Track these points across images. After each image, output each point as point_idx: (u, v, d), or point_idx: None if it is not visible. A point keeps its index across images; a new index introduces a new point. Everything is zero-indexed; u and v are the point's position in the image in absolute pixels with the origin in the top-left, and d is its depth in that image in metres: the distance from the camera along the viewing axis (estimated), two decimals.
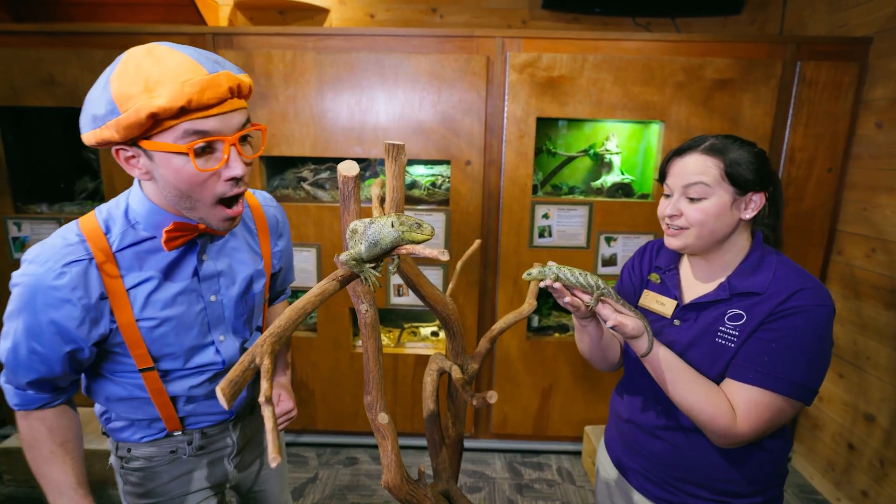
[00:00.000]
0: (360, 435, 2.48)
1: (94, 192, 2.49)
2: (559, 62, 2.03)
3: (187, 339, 0.89)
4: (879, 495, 1.94)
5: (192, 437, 0.97)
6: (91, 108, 0.72)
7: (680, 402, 0.88)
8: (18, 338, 0.80)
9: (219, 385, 0.47)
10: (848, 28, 2.11)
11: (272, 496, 1.20)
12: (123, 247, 0.81)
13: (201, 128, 0.72)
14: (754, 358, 0.85)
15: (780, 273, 0.88)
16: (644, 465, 1.01)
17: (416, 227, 0.64)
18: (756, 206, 0.89)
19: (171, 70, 0.69)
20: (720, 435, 0.85)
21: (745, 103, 2.04)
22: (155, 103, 0.67)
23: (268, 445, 0.42)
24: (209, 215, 0.80)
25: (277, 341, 0.54)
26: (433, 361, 1.24)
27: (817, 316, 0.83)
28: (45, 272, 0.76)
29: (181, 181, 0.74)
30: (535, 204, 2.17)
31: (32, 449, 0.86)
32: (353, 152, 2.14)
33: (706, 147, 0.89)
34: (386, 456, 0.81)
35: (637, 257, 1.10)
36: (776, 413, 0.83)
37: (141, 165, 0.75)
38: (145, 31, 2.07)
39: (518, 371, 2.35)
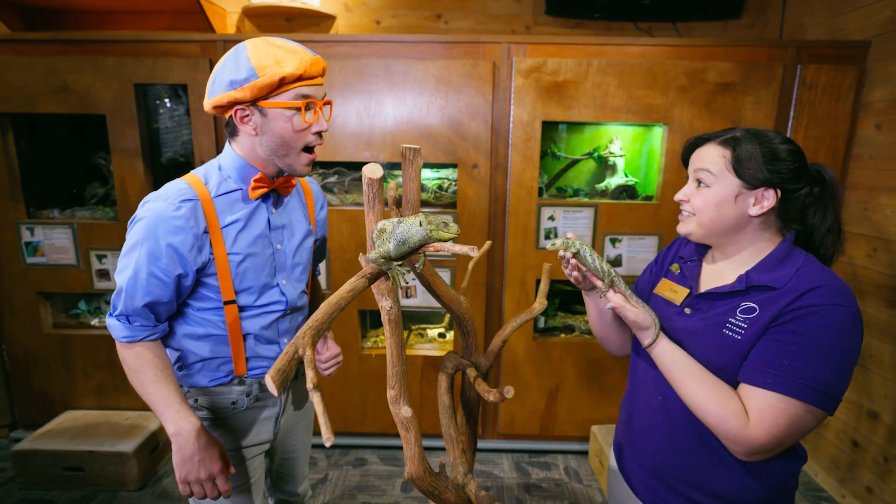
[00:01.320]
0: (368, 436, 2.50)
1: (105, 198, 2.52)
2: (564, 67, 2.06)
3: (261, 277, 1.08)
4: (884, 491, 1.97)
5: (251, 388, 1.12)
6: (229, 75, 0.95)
7: (687, 399, 0.86)
8: (140, 264, 0.96)
9: (268, 373, 0.50)
10: (846, 32, 2.16)
11: (298, 464, 1.36)
12: (219, 194, 1.03)
13: (307, 92, 0.98)
14: (771, 360, 0.80)
15: (804, 270, 0.84)
16: (643, 460, 1.00)
17: (444, 226, 0.67)
18: (768, 204, 0.86)
19: (289, 51, 0.96)
20: (731, 439, 0.81)
21: (746, 106, 2.08)
22: (285, 70, 0.94)
23: (322, 427, 0.46)
24: (296, 160, 1.03)
25: (316, 334, 0.57)
26: (448, 360, 1.27)
27: (837, 315, 0.78)
28: (167, 206, 0.96)
29: (287, 131, 0.99)
30: (540, 206, 2.21)
31: (140, 374, 1.00)
32: (361, 157, 2.18)
33: (724, 139, 0.90)
34: (409, 448, 0.84)
35: (665, 250, 1.11)
36: (795, 420, 0.78)
37: (253, 122, 0.99)
38: (157, 39, 2.11)
39: (525, 372, 2.38)
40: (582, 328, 2.45)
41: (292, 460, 1.35)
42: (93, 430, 2.28)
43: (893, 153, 1.93)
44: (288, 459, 1.34)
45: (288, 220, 1.15)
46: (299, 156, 1.04)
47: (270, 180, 1.06)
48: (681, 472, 0.94)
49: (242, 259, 1.05)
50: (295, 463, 1.36)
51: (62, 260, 2.31)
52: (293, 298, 1.15)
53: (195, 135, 2.16)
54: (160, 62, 2.09)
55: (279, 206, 1.13)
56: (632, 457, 1.04)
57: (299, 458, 1.36)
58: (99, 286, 2.33)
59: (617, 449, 1.13)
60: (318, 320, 0.58)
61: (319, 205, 1.27)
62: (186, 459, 0.97)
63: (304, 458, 1.38)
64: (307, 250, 1.20)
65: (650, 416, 0.99)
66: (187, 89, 2.13)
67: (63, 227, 2.28)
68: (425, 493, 0.88)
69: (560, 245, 0.90)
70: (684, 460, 0.93)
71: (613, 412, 2.42)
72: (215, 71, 0.99)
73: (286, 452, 1.33)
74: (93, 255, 2.30)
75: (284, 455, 1.33)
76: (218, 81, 0.97)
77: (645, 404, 1.00)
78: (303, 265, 1.19)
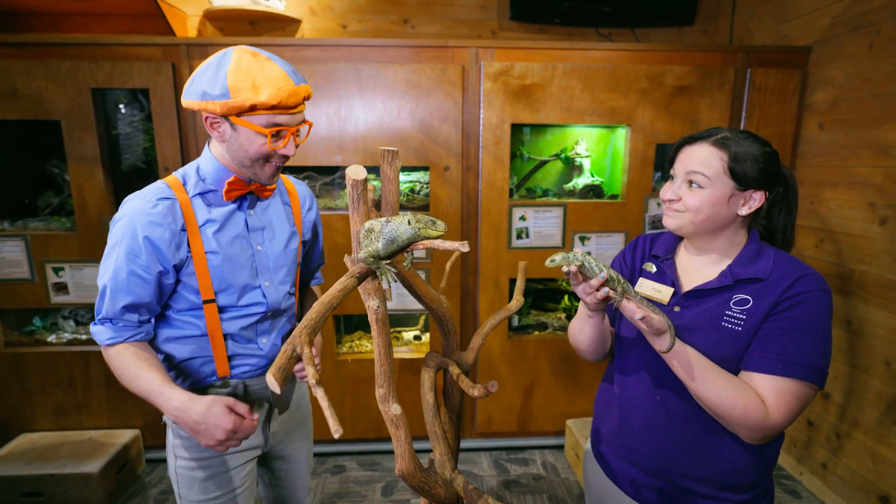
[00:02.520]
0: (346, 443, 2.48)
1: (60, 207, 2.41)
2: (531, 71, 2.12)
3: (241, 277, 1.10)
4: (837, 466, 2.10)
5: (235, 390, 1.13)
6: (204, 87, 0.95)
7: (708, 398, 0.86)
8: (120, 262, 0.98)
9: (268, 372, 0.50)
10: (790, 38, 2.31)
11: (299, 476, 1.34)
12: (195, 194, 1.05)
13: (279, 121, 0.99)
14: (777, 348, 0.86)
15: (780, 261, 0.91)
16: (644, 463, 1.01)
17: (431, 224, 0.69)
18: (755, 204, 0.91)
19: (271, 77, 0.95)
20: (754, 429, 0.85)
21: (702, 107, 2.19)
22: (259, 99, 0.94)
23: (329, 421, 0.46)
24: (260, 171, 1.06)
25: (312, 332, 0.58)
26: (430, 359, 1.28)
27: (824, 300, 0.86)
28: (144, 203, 0.99)
29: (252, 149, 1.01)
30: (512, 207, 2.26)
31: (124, 370, 1.00)
32: (332, 161, 2.17)
33: (716, 139, 0.91)
34: (399, 445, 0.84)
35: (629, 250, 1.13)
36: (803, 400, 0.85)
37: (221, 131, 1.01)
38: (116, 42, 2.04)
39: (501, 370, 2.42)
40: (555, 325, 2.51)
41: (292, 472, 1.33)
42: (53, 453, 2.17)
43: (835, 151, 2.08)
44: (288, 471, 1.32)
45: (268, 222, 1.15)
46: (263, 168, 1.05)
47: (246, 183, 1.08)
48: (685, 468, 0.96)
49: (220, 259, 1.06)
50: (296, 474, 1.33)
51: (14, 274, 2.19)
52: (275, 300, 1.15)
53: (158, 140, 2.10)
54: (120, 66, 2.02)
55: (256, 208, 1.13)
56: (628, 460, 1.04)
57: (300, 468, 1.34)
58: (56, 300, 2.23)
59: (595, 447, 1.15)
60: (312, 319, 0.59)
61: (307, 207, 1.27)
62: (197, 432, 0.96)
63: (304, 468, 1.36)
64: (292, 252, 1.20)
65: (649, 418, 1.00)
66: (149, 94, 2.06)
67: (15, 240, 2.16)
68: (416, 490, 0.89)
69: (560, 261, 0.85)
70: (688, 456, 0.95)
71: (587, 405, 2.49)
72: (196, 72, 0.99)
73: (285, 462, 1.31)
74: (48, 267, 2.19)
75: (283, 465, 1.31)
76: (194, 86, 0.97)
77: (641, 406, 1.01)
78: (287, 266, 1.19)
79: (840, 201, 2.06)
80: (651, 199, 2.29)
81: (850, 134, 2.01)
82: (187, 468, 1.11)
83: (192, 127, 2.11)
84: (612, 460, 1.09)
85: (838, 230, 2.07)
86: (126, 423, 2.36)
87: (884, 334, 1.90)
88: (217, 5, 2.47)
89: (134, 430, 2.34)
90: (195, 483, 1.10)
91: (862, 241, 1.98)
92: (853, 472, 2.03)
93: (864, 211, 1.96)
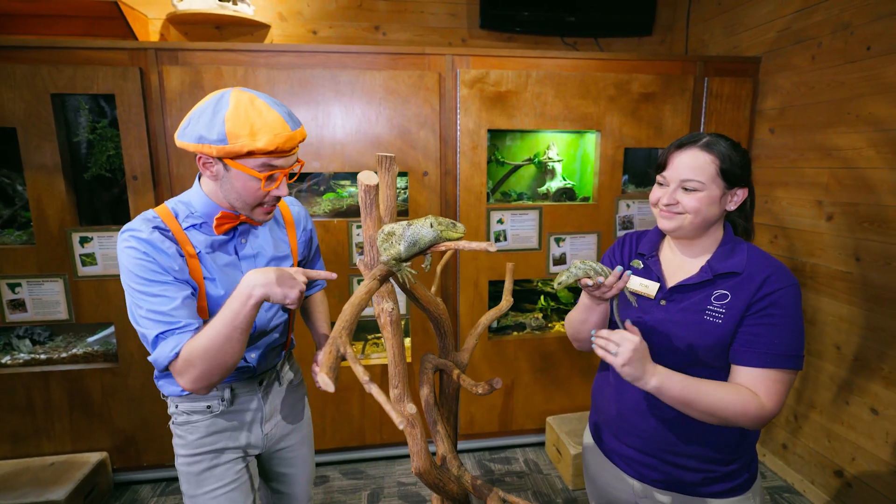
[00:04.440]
0: (328, 452, 2.44)
1: (12, 220, 2.26)
2: (505, 78, 2.18)
3: None
4: (796, 446, 2.26)
5: (223, 393, 1.15)
6: (200, 131, 0.96)
7: (709, 413, 0.93)
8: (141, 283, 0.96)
9: (320, 372, 0.52)
10: (740, 49, 2.48)
11: (298, 481, 1.35)
12: (187, 226, 1.06)
13: (274, 164, 1.01)
14: (762, 343, 0.94)
15: (753, 256, 1.00)
16: (638, 444, 1.08)
17: (452, 226, 0.72)
18: (739, 200, 1.01)
19: (268, 123, 0.96)
20: (753, 421, 0.93)
21: (666, 113, 2.32)
22: (256, 145, 0.95)
23: (390, 414, 0.48)
24: (252, 213, 1.07)
25: (350, 332, 0.59)
26: (427, 361, 1.30)
27: (794, 293, 0.96)
28: (141, 232, 0.98)
29: (245, 191, 1.02)
30: (489, 210, 2.31)
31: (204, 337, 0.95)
32: (311, 167, 2.15)
33: (704, 143, 0.99)
34: (416, 444, 0.86)
35: (616, 247, 1.20)
36: (788, 385, 0.95)
37: (214, 171, 1.01)
38: (77, 46, 1.95)
39: (482, 371, 2.45)
40: (532, 325, 2.57)
41: (291, 476, 1.33)
42: (12, 481, 2.03)
43: (785, 154, 2.25)
44: (286, 475, 1.33)
45: (260, 248, 1.17)
46: (254, 210, 1.07)
47: (235, 216, 1.08)
48: (674, 445, 1.04)
49: (216, 287, 1.08)
50: (294, 479, 1.34)
51: None
52: (263, 323, 1.17)
53: (125, 148, 2.01)
54: (82, 70, 1.93)
55: (249, 236, 1.15)
56: (623, 441, 1.12)
57: (299, 474, 1.34)
58: (12, 318, 2.09)
59: (595, 433, 1.22)
60: (347, 320, 0.60)
61: (301, 227, 1.29)
62: (274, 282, 0.94)
63: (304, 475, 1.36)
64: None
65: (641, 403, 1.07)
66: (115, 100, 1.98)
67: None
68: (431, 487, 0.91)
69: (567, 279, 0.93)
70: (678, 436, 1.03)
71: (566, 402, 2.57)
72: (192, 114, 0.99)
73: (283, 466, 1.32)
74: (3, 283, 2.06)
75: (280, 469, 1.32)
76: (191, 128, 0.98)
77: (634, 391, 1.07)
78: None
79: (791, 200, 2.23)
80: (621, 201, 2.40)
81: (797, 138, 2.19)
82: (185, 464, 1.16)
83: (162, 134, 2.04)
84: (609, 442, 1.16)
85: (790, 226, 2.24)
86: (92, 446, 2.23)
87: (833, 321, 2.07)
88: (182, 9, 2.40)
89: (101, 453, 2.22)
90: (191, 477, 1.16)
91: (811, 237, 2.15)
92: (811, 451, 2.19)
93: (812, 208, 2.13)
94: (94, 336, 2.36)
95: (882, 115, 1.83)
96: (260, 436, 1.23)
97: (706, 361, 1.00)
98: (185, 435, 1.15)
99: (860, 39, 1.89)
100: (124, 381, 2.17)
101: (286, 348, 1.31)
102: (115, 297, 2.11)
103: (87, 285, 2.09)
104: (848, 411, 2.01)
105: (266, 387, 1.23)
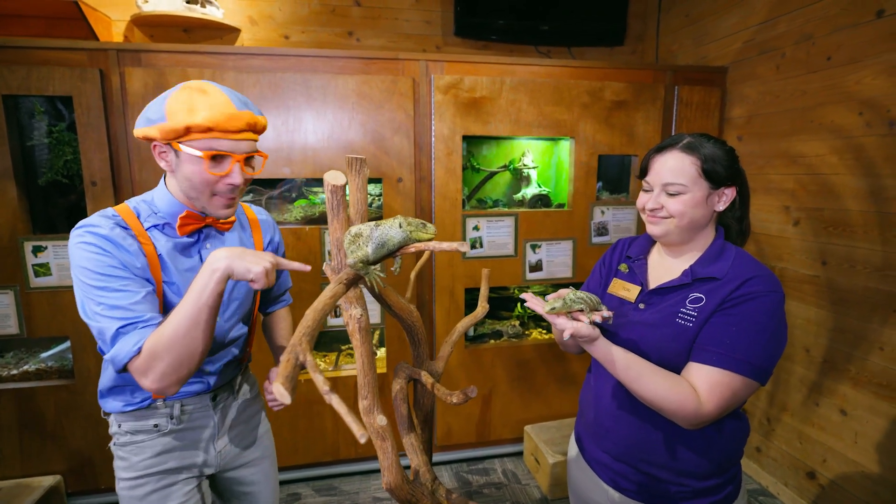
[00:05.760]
0: (300, 468, 2.35)
1: None
2: (480, 84, 2.18)
3: None
4: (770, 449, 2.29)
5: (172, 410, 1.08)
6: (148, 113, 0.96)
7: (645, 396, 0.91)
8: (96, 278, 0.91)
9: (276, 382, 0.47)
10: (708, 59, 2.54)
11: (264, 498, 1.28)
12: (149, 226, 1.02)
13: (217, 146, 0.97)
14: (715, 340, 0.90)
15: (738, 262, 0.96)
16: (612, 449, 1.06)
17: (422, 227, 0.68)
18: (728, 199, 0.97)
19: (210, 102, 0.95)
20: (688, 420, 0.89)
21: (638, 121, 2.35)
22: (194, 120, 0.93)
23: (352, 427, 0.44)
24: (209, 203, 1.03)
25: (311, 339, 0.55)
26: (400, 370, 1.26)
27: (769, 301, 0.90)
28: (100, 227, 0.94)
29: (193, 176, 0.98)
30: (465, 217, 2.28)
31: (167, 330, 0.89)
32: (280, 174, 2.09)
33: (684, 145, 0.96)
34: (386, 458, 0.82)
35: (609, 252, 1.19)
36: (735, 392, 0.89)
37: (168, 160, 0.99)
38: (32, 46, 1.85)
39: (459, 380, 2.41)
40: (509, 333, 2.55)
41: (253, 494, 1.26)
42: None
43: (752, 160, 2.30)
44: (248, 494, 1.26)
45: None
46: (211, 200, 1.02)
47: (200, 217, 1.05)
48: (647, 454, 1.01)
49: (174, 291, 1.03)
50: (257, 497, 1.27)
51: None
52: (220, 334, 1.11)
53: (84, 152, 1.92)
54: (37, 71, 1.84)
55: (214, 241, 1.10)
56: (599, 446, 1.09)
57: (262, 491, 1.27)
58: None
59: (578, 439, 1.19)
60: (308, 326, 0.56)
61: (269, 236, 1.26)
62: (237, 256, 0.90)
63: (268, 491, 1.29)
64: (245, 285, 1.16)
65: (615, 405, 1.05)
66: (72, 102, 1.89)
67: None
68: (403, 503, 0.86)
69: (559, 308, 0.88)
70: (651, 444, 1.00)
71: (544, 410, 2.54)
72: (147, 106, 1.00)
73: (243, 485, 1.24)
74: None
75: (241, 487, 1.25)
76: (141, 115, 0.99)
77: (609, 395, 1.06)
78: (240, 300, 1.16)
79: (759, 205, 2.27)
80: (596, 207, 2.41)
81: (764, 145, 2.24)
82: (128, 487, 1.08)
83: (124, 137, 1.96)
84: (589, 448, 1.13)
85: (759, 231, 2.28)
86: (44, 469, 2.09)
87: (802, 324, 2.11)
88: (147, 10, 2.33)
89: (54, 476, 2.08)
90: (135, 502, 1.08)
91: (779, 241, 2.19)
92: (784, 453, 2.21)
93: (779, 214, 2.18)
94: (47, 351, 2.23)
95: (843, 123, 1.89)
96: (213, 454, 1.15)
97: (677, 365, 0.97)
98: (129, 456, 1.08)
99: (821, 50, 1.95)
100: (80, 399, 2.05)
101: (243, 362, 1.24)
102: (70, 310, 1.99)
103: (41, 297, 1.97)
104: (818, 413, 2.05)
105: (220, 402, 1.17)
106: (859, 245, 1.85)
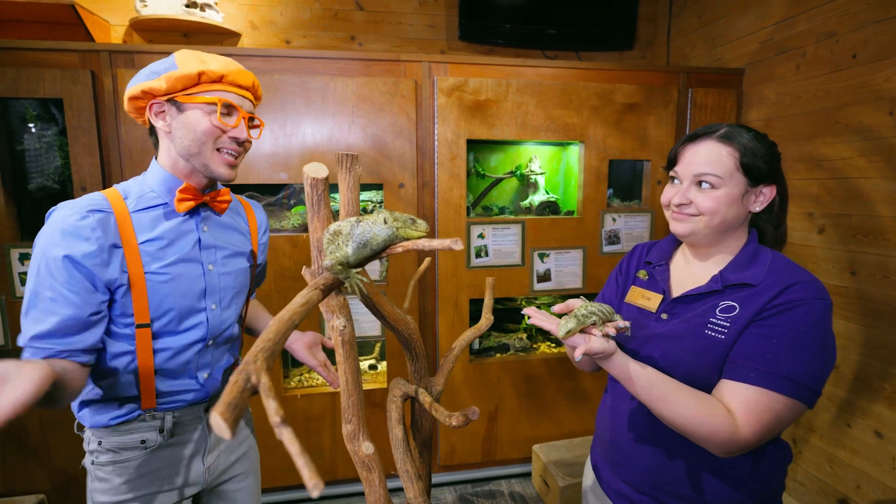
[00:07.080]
0: (294, 489, 2.23)
1: None
2: (485, 86, 2.09)
3: (185, 300, 0.99)
4: (797, 472, 2.13)
5: (162, 423, 1.00)
6: (151, 67, 0.94)
7: (670, 419, 0.79)
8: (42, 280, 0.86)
9: (214, 410, 0.37)
10: (723, 61, 2.44)
11: None
12: (139, 209, 0.96)
13: (229, 98, 0.96)
14: (754, 355, 0.79)
15: (775, 266, 0.84)
16: (632, 479, 0.95)
17: (411, 222, 0.58)
18: (766, 199, 0.86)
19: (218, 58, 0.96)
20: (722, 446, 0.77)
21: (650, 124, 2.25)
22: (207, 67, 0.92)
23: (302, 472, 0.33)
24: (211, 159, 0.98)
25: (270, 356, 0.45)
26: (395, 387, 1.15)
27: (816, 310, 0.78)
28: (70, 215, 0.88)
29: (200, 128, 0.94)
30: (470, 224, 2.18)
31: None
32: (278, 179, 2.01)
33: (721, 135, 0.85)
34: (373, 492, 0.71)
35: (626, 258, 1.08)
36: (777, 414, 0.76)
37: (167, 120, 0.95)
38: (21, 47, 1.80)
39: (464, 397, 2.29)
40: (517, 346, 2.43)
41: None
42: None
43: None
44: None
45: (222, 241, 1.08)
46: (214, 155, 0.98)
47: (199, 192, 1.01)
48: (672, 485, 0.89)
49: (164, 280, 0.97)
50: None
51: None
52: (217, 327, 1.06)
53: (74, 156, 1.85)
54: (26, 73, 1.78)
55: (211, 225, 1.06)
56: (618, 475, 0.98)
57: None
58: None
59: (594, 466, 1.08)
60: (270, 340, 0.46)
61: (263, 229, 1.23)
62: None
63: None
64: (243, 274, 1.12)
65: (636, 429, 0.94)
66: (63, 105, 1.83)
67: None
68: None
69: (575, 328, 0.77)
70: (676, 474, 0.88)
71: (553, 429, 2.41)
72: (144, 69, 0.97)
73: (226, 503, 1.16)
74: None
75: None
76: (140, 73, 0.95)
77: (629, 417, 0.95)
78: (236, 289, 1.10)
79: None
80: (607, 215, 2.30)
81: (785, 149, 2.12)
82: None
83: (115, 142, 1.89)
84: (605, 474, 1.02)
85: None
86: (28, 488, 1.99)
87: None
88: (145, 14, 2.28)
89: (38, 495, 1.98)
90: None
91: (804, 250, 2.06)
92: (812, 478, 2.06)
93: (803, 221, 2.05)
94: None
95: (871, 123, 1.77)
96: (201, 470, 1.07)
97: (707, 382, 0.84)
98: (111, 477, 0.98)
99: (845, 47, 1.85)
100: (66, 414, 1.96)
101: (235, 368, 1.15)
102: None
103: None
104: (850, 434, 1.90)
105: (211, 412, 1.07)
106: (893, 253, 1.72)
